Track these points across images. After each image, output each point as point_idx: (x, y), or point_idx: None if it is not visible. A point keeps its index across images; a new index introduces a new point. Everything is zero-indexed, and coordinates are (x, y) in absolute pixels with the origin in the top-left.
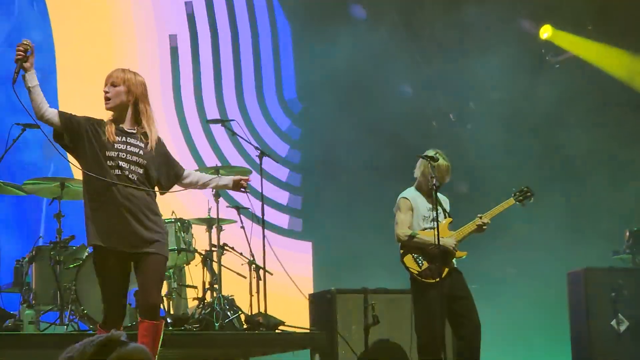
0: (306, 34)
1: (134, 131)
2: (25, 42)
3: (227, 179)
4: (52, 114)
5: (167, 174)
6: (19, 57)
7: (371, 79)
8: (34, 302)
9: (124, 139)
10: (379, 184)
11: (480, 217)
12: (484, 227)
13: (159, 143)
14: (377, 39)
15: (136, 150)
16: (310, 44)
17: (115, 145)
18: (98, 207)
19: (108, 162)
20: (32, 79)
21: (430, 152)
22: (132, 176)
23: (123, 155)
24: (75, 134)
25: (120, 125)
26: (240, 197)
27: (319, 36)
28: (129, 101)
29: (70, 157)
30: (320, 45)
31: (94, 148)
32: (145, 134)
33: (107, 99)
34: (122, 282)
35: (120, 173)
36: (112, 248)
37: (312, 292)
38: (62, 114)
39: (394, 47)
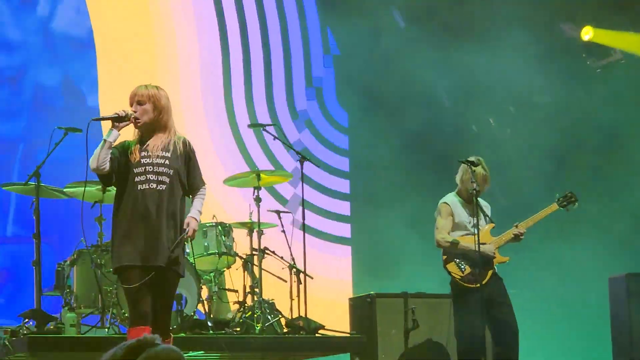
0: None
1: (157, 145)
2: (130, 111)
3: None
4: (109, 168)
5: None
6: (120, 115)
7: (410, 84)
8: (75, 305)
9: (147, 153)
10: (421, 188)
11: (517, 226)
12: (520, 237)
13: (187, 151)
14: (415, 44)
15: (162, 161)
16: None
17: (142, 161)
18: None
19: (136, 177)
20: (114, 136)
21: (472, 158)
22: (156, 187)
23: (150, 168)
24: (119, 172)
25: (147, 142)
26: (281, 201)
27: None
28: (156, 117)
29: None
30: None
31: (127, 173)
32: (169, 146)
33: (136, 119)
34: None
35: (146, 187)
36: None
37: (352, 296)
38: (111, 163)
39: (433, 51)
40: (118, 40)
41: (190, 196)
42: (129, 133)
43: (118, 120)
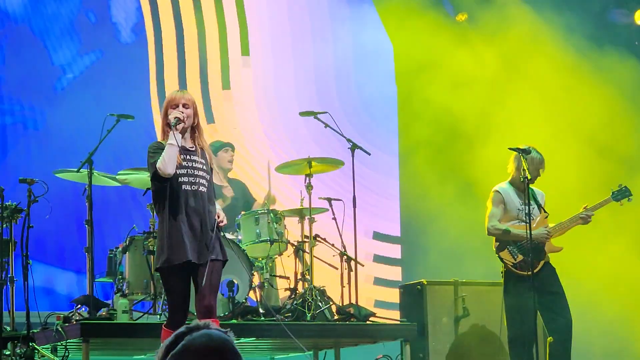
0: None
1: (194, 148)
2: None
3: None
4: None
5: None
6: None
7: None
8: (127, 291)
9: (187, 156)
10: (472, 176)
11: (586, 208)
12: (589, 218)
13: (210, 156)
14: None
15: (200, 165)
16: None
17: (183, 163)
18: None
19: (180, 178)
20: (177, 139)
21: (523, 146)
22: (198, 188)
23: (191, 171)
24: None
25: (182, 145)
26: (332, 189)
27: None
28: (195, 121)
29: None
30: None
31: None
32: (202, 150)
33: (182, 121)
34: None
35: (190, 189)
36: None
37: (402, 283)
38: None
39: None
40: (171, 34)
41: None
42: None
43: (177, 124)
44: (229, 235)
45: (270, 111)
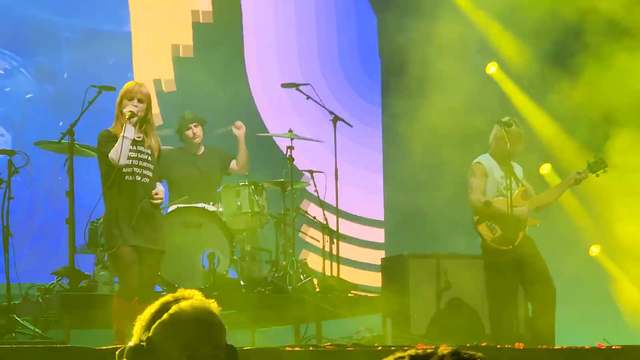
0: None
1: (141, 138)
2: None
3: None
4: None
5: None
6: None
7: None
8: (108, 263)
9: (134, 147)
10: (458, 149)
11: (579, 173)
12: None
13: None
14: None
15: (146, 157)
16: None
17: (131, 154)
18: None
19: (124, 169)
20: (130, 133)
21: (505, 119)
22: (145, 180)
23: (136, 162)
24: None
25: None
26: (314, 161)
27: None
28: (146, 116)
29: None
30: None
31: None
32: (149, 142)
33: (136, 115)
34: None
35: (132, 179)
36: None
37: (384, 256)
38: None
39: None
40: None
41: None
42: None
43: (131, 117)
44: (210, 207)
45: (253, 83)
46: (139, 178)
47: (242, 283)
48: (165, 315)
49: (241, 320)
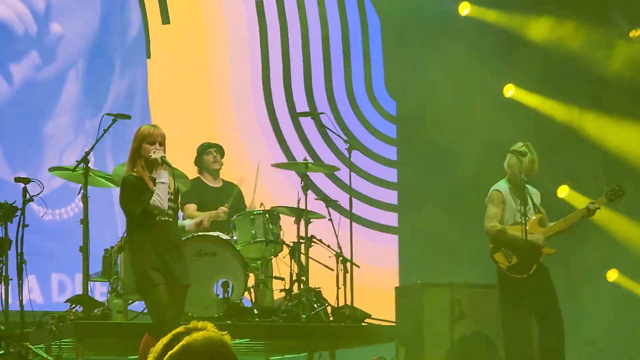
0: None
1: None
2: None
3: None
4: None
5: None
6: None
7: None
8: (122, 291)
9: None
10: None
11: (592, 203)
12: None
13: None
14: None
15: (170, 196)
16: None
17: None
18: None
19: (155, 210)
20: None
21: (519, 145)
22: (168, 219)
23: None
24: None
25: (152, 176)
26: (328, 190)
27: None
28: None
29: None
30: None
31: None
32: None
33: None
34: None
35: (165, 219)
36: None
37: (398, 285)
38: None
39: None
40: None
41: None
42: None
43: (164, 162)
44: (223, 236)
45: (269, 111)
46: (170, 219)
47: (255, 311)
48: (177, 347)
49: (255, 349)
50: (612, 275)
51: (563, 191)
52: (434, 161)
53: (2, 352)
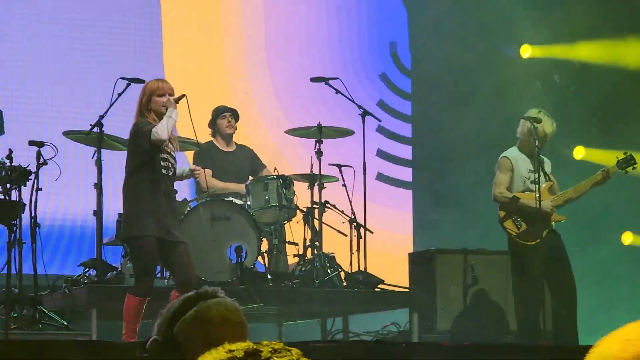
0: None
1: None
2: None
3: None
4: None
5: None
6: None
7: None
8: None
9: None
10: (484, 144)
11: (604, 171)
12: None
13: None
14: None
15: (172, 151)
16: None
17: (165, 148)
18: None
19: (161, 162)
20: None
21: (534, 112)
22: (171, 174)
23: (165, 156)
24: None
25: None
26: (342, 155)
27: None
28: None
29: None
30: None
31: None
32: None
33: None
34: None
35: (166, 172)
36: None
37: (411, 251)
38: None
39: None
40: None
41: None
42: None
43: (177, 102)
44: (237, 201)
45: (282, 76)
46: (170, 172)
47: (269, 276)
48: (191, 312)
49: (268, 314)
50: (627, 238)
51: (579, 153)
52: (451, 114)
53: (16, 315)
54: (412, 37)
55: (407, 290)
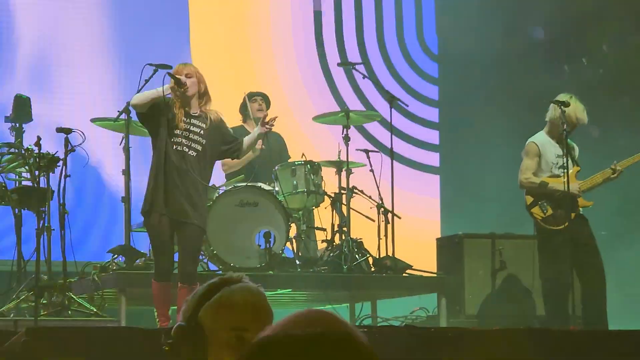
0: None
1: (197, 114)
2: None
3: (254, 131)
4: (146, 110)
5: (223, 151)
6: (183, 81)
7: (506, 20)
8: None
9: (188, 120)
10: (511, 127)
11: (615, 165)
12: (614, 175)
13: (220, 124)
14: None
15: (197, 130)
16: None
17: (182, 125)
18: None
19: (173, 138)
20: (167, 92)
21: (563, 97)
22: (191, 153)
23: (186, 134)
24: (158, 123)
25: (186, 109)
26: (370, 141)
27: None
28: (200, 89)
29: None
30: None
31: (165, 129)
32: (206, 116)
33: (186, 87)
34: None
35: (180, 149)
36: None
37: (439, 236)
38: (151, 109)
39: None
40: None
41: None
42: None
43: (179, 84)
44: (265, 186)
45: (310, 62)
46: (186, 149)
47: (297, 262)
48: (215, 297)
49: (296, 299)
50: None
51: None
52: (477, 98)
53: (45, 302)
54: (439, 21)
55: (435, 275)
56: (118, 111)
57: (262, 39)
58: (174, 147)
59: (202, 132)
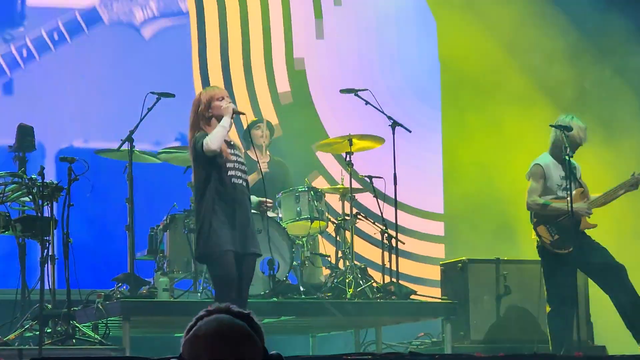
0: None
1: (233, 142)
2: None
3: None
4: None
5: None
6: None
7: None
8: (167, 269)
9: (232, 150)
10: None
11: (634, 174)
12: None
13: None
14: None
15: (241, 159)
16: None
17: (231, 157)
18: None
19: (229, 172)
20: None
21: (564, 119)
22: (242, 182)
23: (237, 165)
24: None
25: (226, 139)
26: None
27: None
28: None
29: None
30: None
31: (218, 163)
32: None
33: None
34: None
35: (237, 182)
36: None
37: (443, 261)
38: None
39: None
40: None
41: None
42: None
43: (236, 114)
44: (269, 214)
45: (312, 88)
46: (240, 181)
47: (301, 288)
48: (193, 328)
49: (301, 326)
50: None
51: None
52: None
53: (50, 330)
54: (442, 46)
55: (440, 300)
56: (121, 140)
57: (275, 65)
58: (232, 179)
59: (240, 158)
